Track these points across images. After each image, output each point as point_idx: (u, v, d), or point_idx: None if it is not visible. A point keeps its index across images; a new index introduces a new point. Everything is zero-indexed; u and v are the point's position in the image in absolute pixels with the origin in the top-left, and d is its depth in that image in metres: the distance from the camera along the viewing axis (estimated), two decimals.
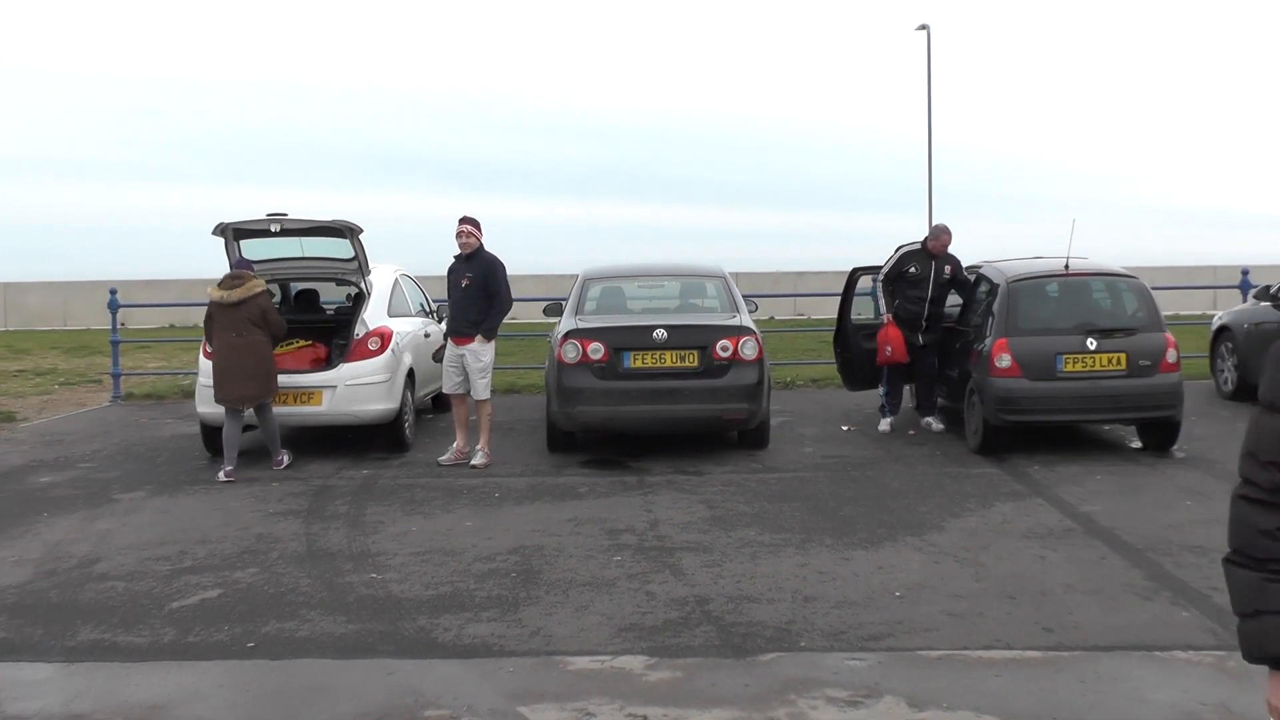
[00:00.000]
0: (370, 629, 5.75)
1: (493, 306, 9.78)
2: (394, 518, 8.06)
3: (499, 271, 9.82)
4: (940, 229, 11.15)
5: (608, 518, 7.91)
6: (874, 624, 5.65)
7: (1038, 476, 9.04)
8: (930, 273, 10.98)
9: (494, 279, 9.77)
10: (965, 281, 11.07)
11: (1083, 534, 7.32)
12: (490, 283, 9.76)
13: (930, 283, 10.97)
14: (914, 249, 11.13)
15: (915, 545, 7.10)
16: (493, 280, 9.77)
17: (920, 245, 11.13)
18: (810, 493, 8.61)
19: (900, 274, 11.03)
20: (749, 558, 6.86)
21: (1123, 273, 10.51)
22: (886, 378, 11.28)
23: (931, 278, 10.97)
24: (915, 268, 10.99)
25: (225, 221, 10.33)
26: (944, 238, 11.10)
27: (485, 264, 9.79)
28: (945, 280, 11.04)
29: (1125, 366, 9.58)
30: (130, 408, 14.07)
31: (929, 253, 11.04)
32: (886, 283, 11.12)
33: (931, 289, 10.99)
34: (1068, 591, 6.12)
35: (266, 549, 7.30)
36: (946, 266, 11.06)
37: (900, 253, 11.15)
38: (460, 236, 9.85)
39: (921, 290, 10.97)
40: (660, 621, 5.75)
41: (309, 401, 10.12)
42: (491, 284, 9.77)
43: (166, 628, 5.83)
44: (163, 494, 9.03)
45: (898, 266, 11.06)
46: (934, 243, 11.07)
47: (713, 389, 9.67)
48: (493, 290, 9.77)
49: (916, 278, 10.98)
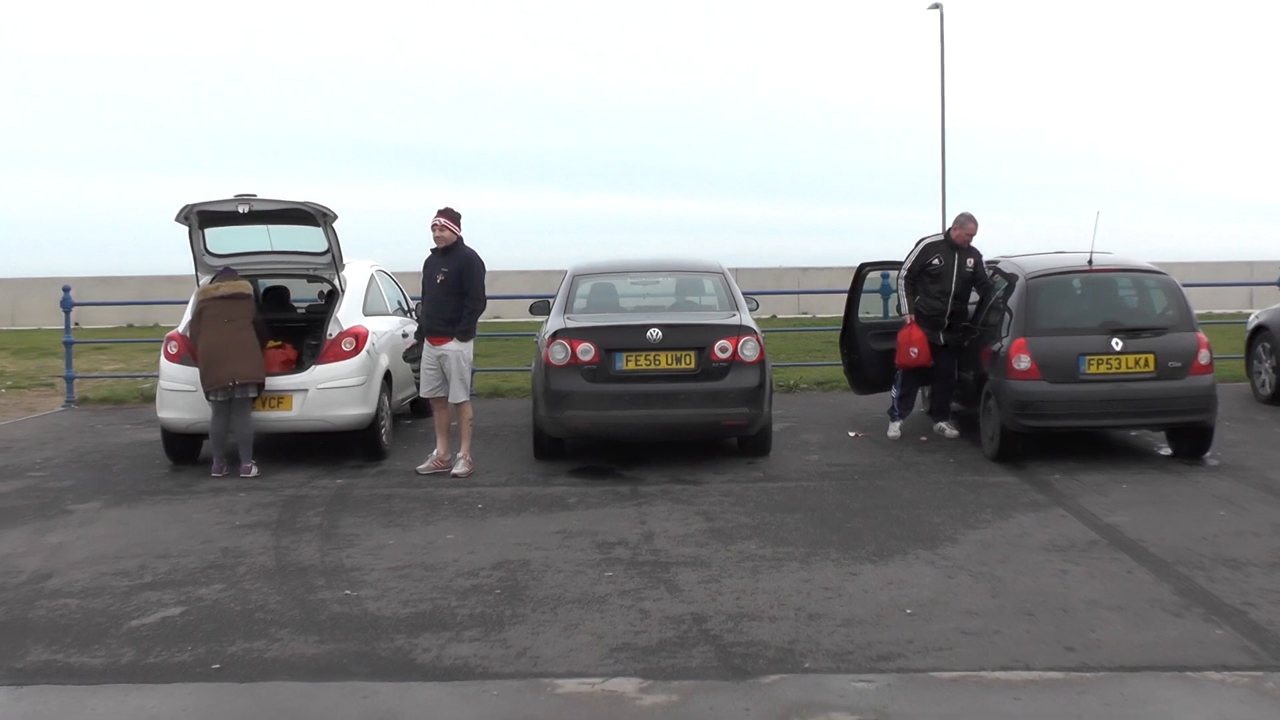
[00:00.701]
0: (344, 649, 5.74)
1: (465, 305, 9.77)
2: (370, 530, 8.06)
3: (476, 267, 9.82)
4: (966, 217, 11.08)
5: (599, 530, 7.92)
6: (883, 643, 5.66)
7: (1059, 485, 9.07)
8: (954, 265, 10.96)
9: (469, 275, 9.78)
10: (985, 279, 11.09)
11: (1107, 546, 7.34)
12: (465, 279, 9.77)
13: (954, 276, 10.95)
14: (936, 240, 11.13)
15: (927, 559, 7.12)
16: (468, 276, 9.77)
17: (943, 236, 11.13)
18: (815, 503, 8.62)
19: (923, 268, 11.02)
20: (749, 573, 6.87)
21: (1151, 268, 10.54)
22: (901, 379, 11.27)
23: (955, 271, 10.95)
24: (938, 259, 10.97)
25: (190, 203, 10.33)
26: (970, 226, 11.04)
27: (463, 259, 9.79)
28: (969, 274, 11.02)
29: (1153, 368, 9.60)
30: (85, 413, 14.05)
31: (952, 244, 11.02)
32: (908, 278, 11.07)
33: (955, 283, 10.97)
34: (1091, 608, 6.13)
35: (233, 563, 7.29)
36: (969, 260, 11.05)
37: (922, 245, 11.11)
38: (435, 230, 9.85)
39: (944, 284, 10.94)
40: (655, 641, 5.76)
41: (278, 406, 10.13)
42: (466, 280, 9.77)
43: (125, 648, 5.82)
44: (120, 504, 9.03)
45: (920, 260, 11.04)
46: (959, 231, 11.03)
47: (711, 393, 9.68)
48: (466, 287, 9.77)
49: (938, 270, 10.95)
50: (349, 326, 10.45)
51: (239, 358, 9.84)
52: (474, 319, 9.89)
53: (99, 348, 20.70)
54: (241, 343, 9.89)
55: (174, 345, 10.30)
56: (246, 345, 9.91)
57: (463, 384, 9.85)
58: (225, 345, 9.86)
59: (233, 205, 10.25)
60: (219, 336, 9.89)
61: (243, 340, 9.91)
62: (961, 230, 11.04)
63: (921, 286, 11.01)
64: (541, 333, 10.43)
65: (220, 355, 9.84)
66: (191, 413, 10.05)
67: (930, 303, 10.97)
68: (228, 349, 9.85)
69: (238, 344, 9.86)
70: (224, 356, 9.83)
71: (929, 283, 10.99)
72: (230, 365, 9.81)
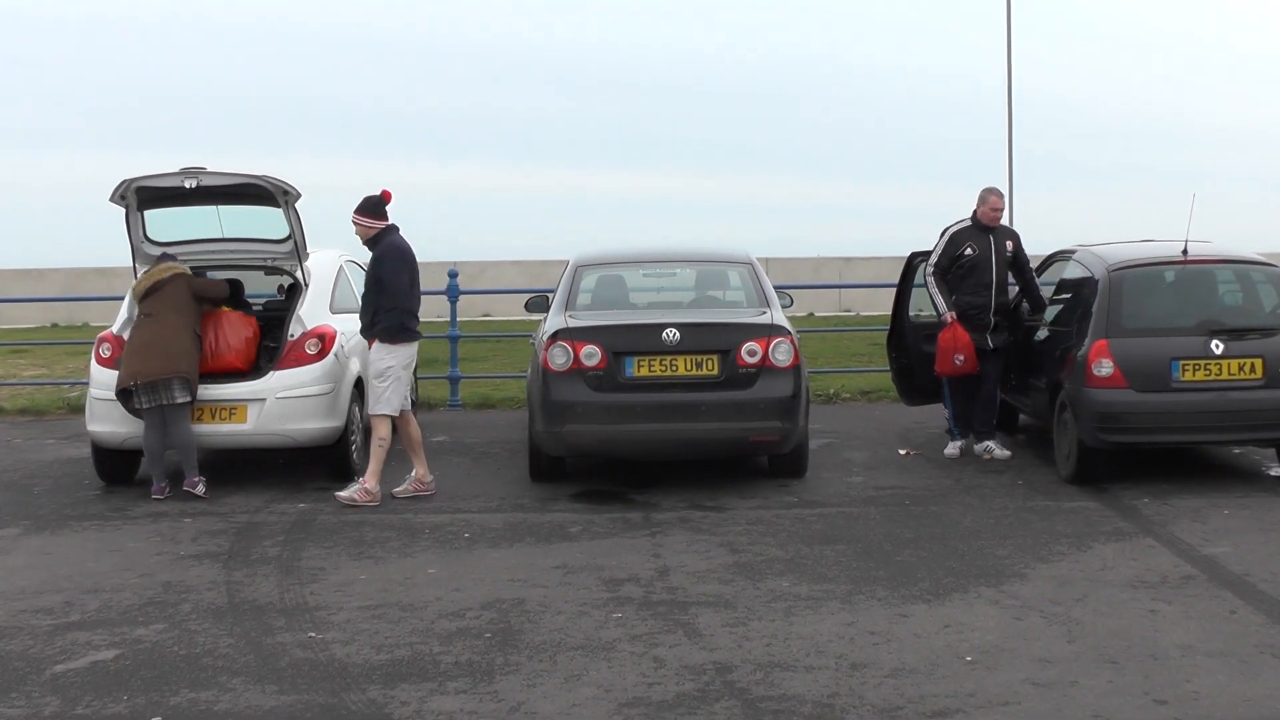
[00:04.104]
0: (308, 701, 5.77)
1: (380, 303, 9.77)
2: (338, 563, 8.09)
3: (386, 258, 9.75)
4: (989, 191, 11.00)
5: (606, 564, 7.94)
6: (939, 696, 5.67)
7: (1147, 511, 9.07)
8: (990, 252, 10.92)
9: (378, 269, 9.77)
10: (1026, 264, 11.09)
11: (1206, 582, 7.34)
12: (377, 274, 9.78)
13: (993, 265, 10.91)
14: (964, 226, 11.04)
15: (991, 598, 7.12)
16: (378, 271, 9.77)
17: (970, 220, 11.07)
18: (859, 533, 8.64)
19: (954, 260, 10.99)
20: (782, 615, 6.88)
21: (1257, 259, 10.55)
22: (949, 392, 11.26)
23: (993, 258, 10.92)
24: (971, 249, 10.91)
25: (128, 178, 10.33)
26: (994, 200, 10.97)
27: (378, 251, 9.83)
28: (1008, 259, 11.00)
29: (1261, 375, 9.59)
30: (1, 425, 14.11)
31: (982, 226, 10.98)
32: (938, 274, 11.01)
33: (995, 273, 10.94)
34: (1186, 654, 6.14)
35: (176, 600, 7.32)
36: (1007, 242, 11.04)
37: (948, 235, 11.01)
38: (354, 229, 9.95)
39: (982, 276, 10.87)
40: (671, 695, 5.77)
41: (230, 418, 10.15)
42: (377, 275, 9.78)
43: (48, 697, 5.84)
44: (42, 531, 9.07)
45: (949, 252, 10.97)
46: (985, 210, 10.97)
47: (737, 404, 9.69)
48: (370, 284, 9.83)
49: (974, 261, 10.88)
50: (314, 326, 10.47)
51: (144, 354, 9.78)
52: (394, 317, 9.74)
53: (17, 350, 20.78)
54: (152, 337, 9.85)
55: (106, 348, 10.30)
56: (159, 339, 9.83)
57: (380, 395, 9.77)
58: (134, 343, 9.91)
59: (178, 180, 10.25)
60: (132, 332, 10.03)
61: (155, 334, 9.86)
62: (987, 208, 10.97)
63: (956, 284, 10.93)
64: (539, 333, 10.46)
65: (127, 354, 9.90)
66: (126, 426, 10.05)
67: (970, 300, 10.87)
68: (135, 347, 9.88)
69: (146, 340, 9.84)
70: (128, 355, 9.87)
71: (963, 277, 10.91)
72: (132, 363, 9.78)
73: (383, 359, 9.75)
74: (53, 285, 29.14)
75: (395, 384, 9.73)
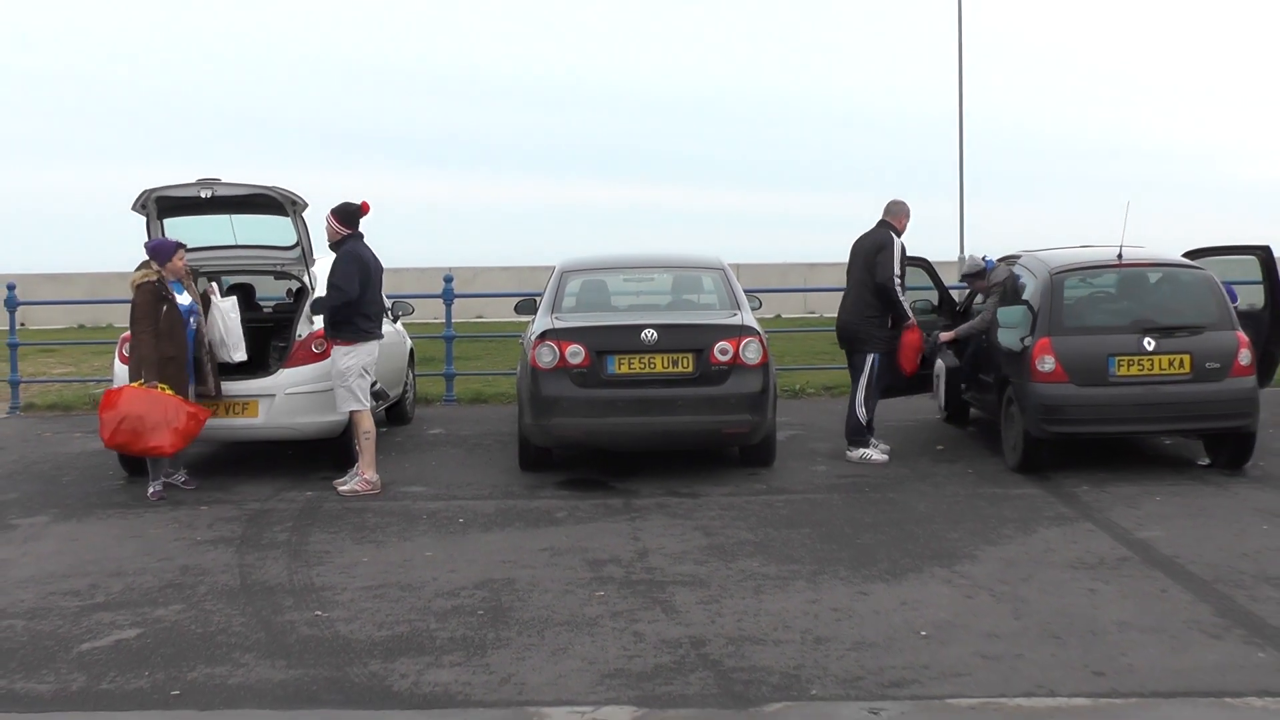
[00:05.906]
0: (314, 675, 5.76)
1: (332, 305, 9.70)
2: (342, 547, 8.07)
3: (338, 260, 9.70)
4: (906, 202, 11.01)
5: (589, 547, 7.94)
6: (896, 668, 5.68)
7: (1087, 498, 9.09)
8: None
9: (331, 272, 9.71)
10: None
11: (1140, 563, 7.36)
12: (329, 277, 9.72)
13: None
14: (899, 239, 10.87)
15: (944, 577, 7.14)
16: (330, 274, 9.71)
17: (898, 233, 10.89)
18: (823, 517, 8.64)
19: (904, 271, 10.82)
20: (752, 592, 6.89)
21: (1186, 263, 10.57)
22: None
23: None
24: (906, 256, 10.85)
25: (149, 188, 10.32)
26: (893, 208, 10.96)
27: (337, 256, 9.77)
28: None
29: (1189, 370, 9.62)
30: (32, 420, 14.04)
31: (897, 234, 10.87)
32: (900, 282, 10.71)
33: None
34: (1122, 629, 6.16)
35: (193, 582, 7.30)
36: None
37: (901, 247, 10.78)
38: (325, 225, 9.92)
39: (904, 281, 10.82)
40: (650, 667, 5.77)
41: (243, 413, 10.12)
42: (329, 278, 9.72)
43: (75, 673, 5.83)
44: (70, 519, 9.03)
45: (903, 261, 10.78)
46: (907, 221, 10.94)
47: (710, 398, 9.69)
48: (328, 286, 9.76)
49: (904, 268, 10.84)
50: (320, 327, 10.44)
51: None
52: (347, 314, 9.66)
53: (47, 350, 20.67)
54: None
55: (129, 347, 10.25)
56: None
57: (347, 390, 9.72)
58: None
59: (194, 190, 10.24)
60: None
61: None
62: (908, 219, 10.97)
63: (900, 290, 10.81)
64: (527, 334, 10.44)
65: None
66: None
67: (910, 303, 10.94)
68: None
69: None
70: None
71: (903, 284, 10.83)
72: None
73: (342, 359, 9.72)
74: (79, 289, 28.97)
75: (360, 380, 9.71)
